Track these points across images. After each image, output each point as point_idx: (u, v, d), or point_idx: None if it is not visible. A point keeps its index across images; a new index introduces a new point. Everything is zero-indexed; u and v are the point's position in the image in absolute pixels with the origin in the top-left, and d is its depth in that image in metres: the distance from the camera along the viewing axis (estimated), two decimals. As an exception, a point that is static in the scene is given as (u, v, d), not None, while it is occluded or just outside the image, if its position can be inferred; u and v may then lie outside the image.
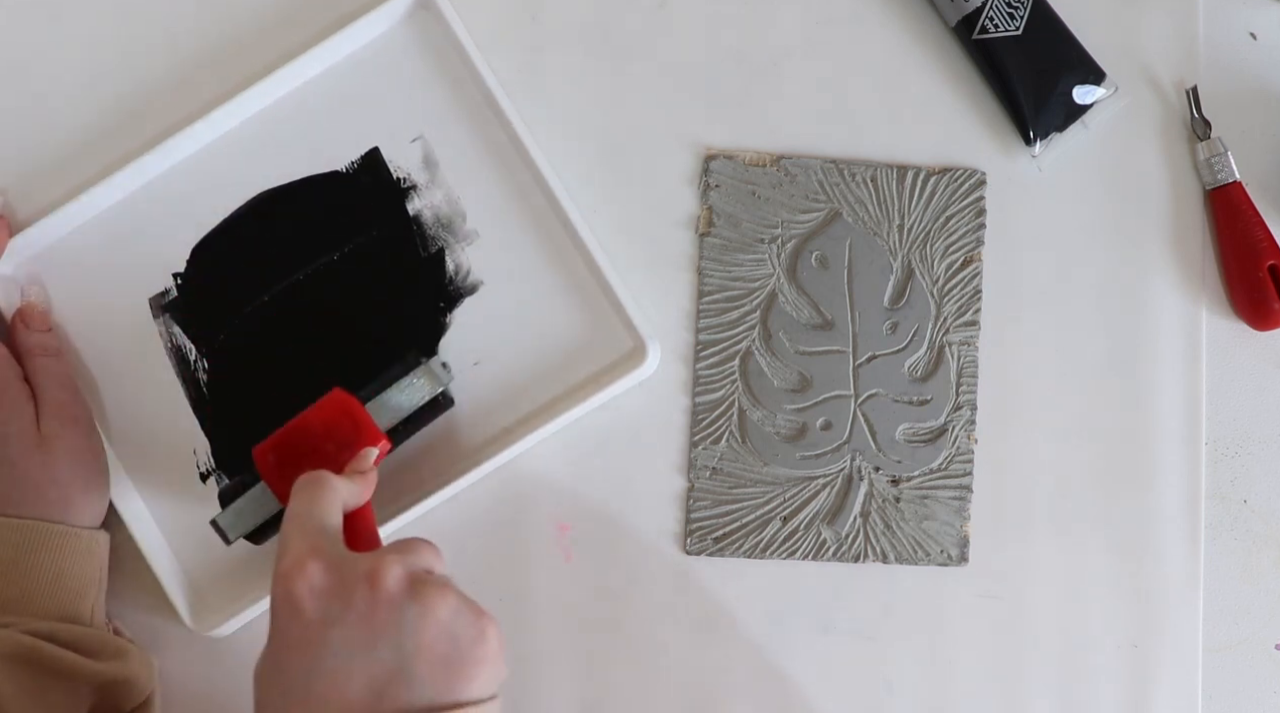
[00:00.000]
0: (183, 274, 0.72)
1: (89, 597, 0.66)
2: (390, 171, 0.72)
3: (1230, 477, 0.73)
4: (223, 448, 0.71)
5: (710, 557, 0.71)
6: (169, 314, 0.72)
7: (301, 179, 0.72)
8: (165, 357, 0.72)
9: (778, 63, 0.74)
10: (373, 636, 0.52)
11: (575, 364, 0.71)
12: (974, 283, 0.72)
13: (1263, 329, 0.73)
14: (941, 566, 0.72)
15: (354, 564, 0.53)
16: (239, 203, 0.72)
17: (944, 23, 0.73)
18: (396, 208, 0.72)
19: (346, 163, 0.72)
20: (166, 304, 0.72)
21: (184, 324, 0.72)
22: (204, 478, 0.71)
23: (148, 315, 0.72)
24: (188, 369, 0.72)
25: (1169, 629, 0.72)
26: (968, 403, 0.72)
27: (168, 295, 0.72)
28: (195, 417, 0.72)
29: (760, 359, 0.72)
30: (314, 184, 0.72)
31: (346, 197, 0.72)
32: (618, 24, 0.73)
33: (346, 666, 0.51)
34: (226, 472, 0.71)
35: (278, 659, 0.52)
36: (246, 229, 0.72)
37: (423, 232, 0.72)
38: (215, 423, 0.72)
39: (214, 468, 0.71)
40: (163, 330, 0.72)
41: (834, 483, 0.71)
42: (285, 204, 0.72)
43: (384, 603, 0.52)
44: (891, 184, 0.72)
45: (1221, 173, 0.73)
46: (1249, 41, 0.75)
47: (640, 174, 0.73)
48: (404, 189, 0.72)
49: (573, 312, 0.71)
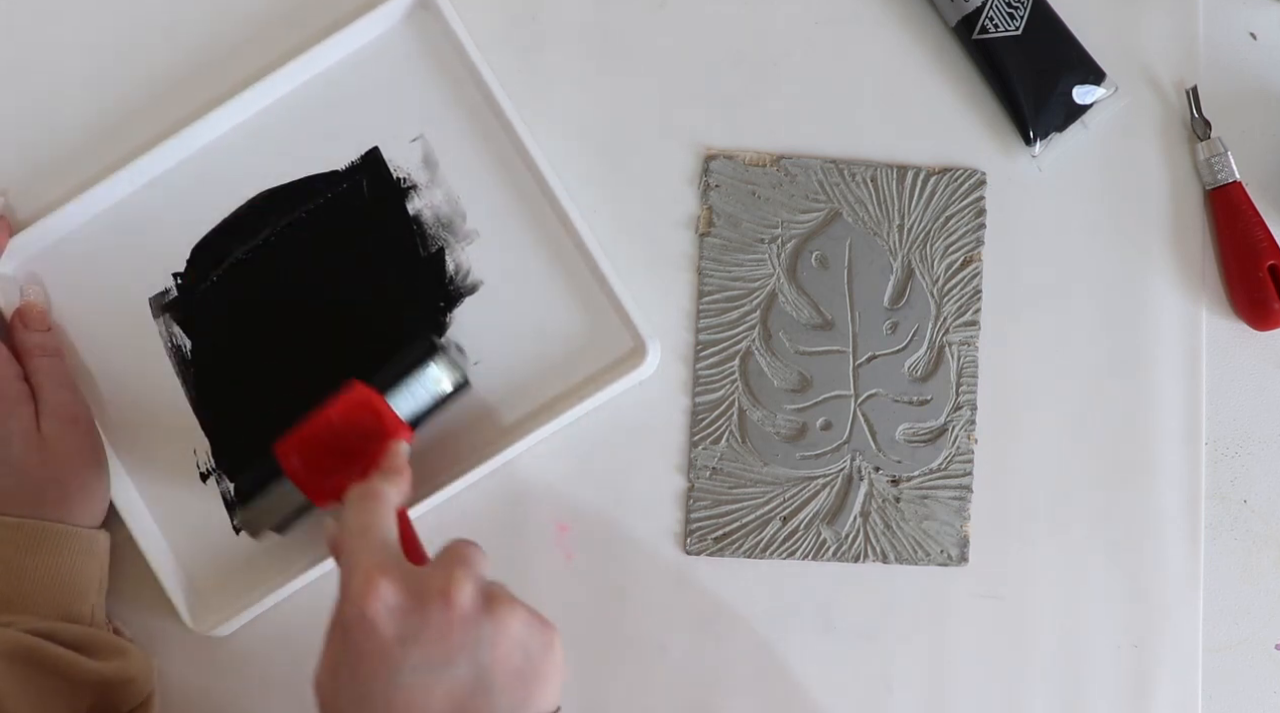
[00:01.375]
0: (183, 274, 0.72)
1: (89, 596, 0.66)
2: (390, 171, 0.72)
3: (1230, 477, 0.73)
4: (223, 448, 0.71)
5: (710, 557, 0.71)
6: (169, 314, 0.72)
7: (301, 179, 0.72)
8: (165, 356, 0.72)
9: (778, 63, 0.74)
10: (450, 652, 0.52)
11: (575, 364, 0.71)
12: (974, 283, 0.72)
13: (1263, 329, 0.73)
14: (941, 566, 0.72)
15: (426, 581, 0.53)
16: (239, 202, 0.72)
17: (944, 23, 0.73)
18: (396, 207, 0.72)
19: (346, 162, 0.72)
20: (167, 304, 0.72)
21: (184, 324, 0.72)
22: (204, 477, 0.71)
23: (148, 315, 0.72)
24: (188, 369, 0.72)
25: (1169, 629, 0.72)
26: (968, 403, 0.72)
27: (168, 295, 0.72)
28: (195, 416, 0.72)
29: (760, 359, 0.72)
30: (313, 184, 0.72)
31: (346, 196, 0.72)
32: (618, 24, 0.73)
33: (425, 681, 0.52)
34: (227, 472, 0.71)
35: (353, 673, 0.53)
36: (246, 229, 0.72)
37: (423, 231, 0.72)
38: (216, 423, 0.71)
39: (214, 468, 0.71)
40: (163, 330, 0.72)
41: (834, 483, 0.71)
42: (285, 203, 0.72)
43: (459, 620, 0.53)
44: (891, 184, 0.72)
45: (1221, 173, 0.73)
46: (1249, 41, 0.75)
47: (640, 174, 0.73)
48: (404, 189, 0.72)
49: (572, 311, 0.71)
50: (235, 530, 0.71)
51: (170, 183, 0.72)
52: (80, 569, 0.66)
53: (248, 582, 0.71)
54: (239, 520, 0.70)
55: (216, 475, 0.71)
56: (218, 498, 0.71)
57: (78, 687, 0.63)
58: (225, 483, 0.71)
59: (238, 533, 0.71)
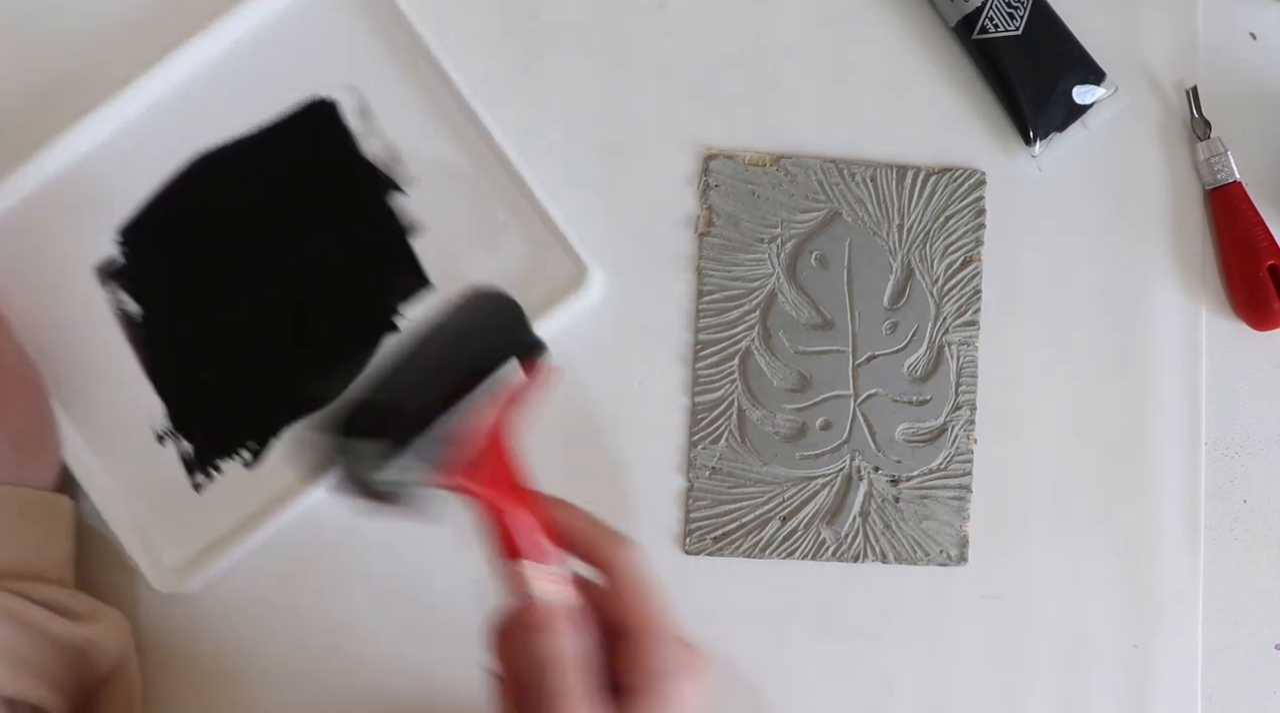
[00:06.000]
0: (126, 241, 0.72)
1: (54, 559, 0.66)
2: (327, 122, 0.73)
3: (1230, 477, 0.73)
4: (178, 409, 0.72)
5: (709, 556, 0.71)
6: (115, 281, 0.72)
7: (237, 139, 0.73)
8: (115, 323, 0.72)
9: (777, 63, 0.74)
10: None
11: (521, 295, 0.71)
12: (974, 283, 0.72)
13: (1263, 329, 0.73)
14: (941, 565, 0.72)
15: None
16: (178, 166, 0.73)
17: (944, 23, 0.73)
18: (340, 157, 0.72)
19: (282, 118, 0.73)
20: (113, 272, 0.72)
21: (131, 290, 0.72)
22: (160, 440, 0.72)
23: (94, 283, 0.72)
24: (138, 333, 0.72)
25: (1169, 629, 0.72)
26: (967, 403, 0.72)
27: (114, 263, 0.72)
28: (149, 380, 0.72)
29: (760, 359, 0.72)
30: (249, 142, 0.73)
31: (283, 152, 0.73)
32: (617, 24, 0.73)
33: None
34: (183, 433, 0.72)
35: None
36: (186, 192, 0.72)
37: (363, 179, 0.72)
38: (169, 385, 0.72)
39: (171, 430, 0.72)
40: (110, 297, 0.72)
41: (833, 483, 0.71)
42: (223, 165, 0.73)
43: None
44: (891, 184, 0.72)
45: (1221, 173, 0.73)
46: (1249, 41, 0.75)
47: (639, 174, 0.73)
48: (342, 139, 0.72)
49: (515, 245, 0.72)
50: (347, 484, 0.51)
51: (108, 152, 0.72)
52: (44, 531, 0.66)
53: (210, 539, 0.71)
54: (359, 473, 0.50)
55: (173, 437, 0.72)
56: (176, 459, 0.72)
57: (56, 648, 0.63)
58: (182, 444, 0.72)
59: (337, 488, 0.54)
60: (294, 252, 0.72)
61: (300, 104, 0.73)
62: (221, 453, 0.71)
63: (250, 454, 0.71)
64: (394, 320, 0.72)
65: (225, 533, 0.71)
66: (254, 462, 0.71)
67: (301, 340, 0.71)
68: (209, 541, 0.71)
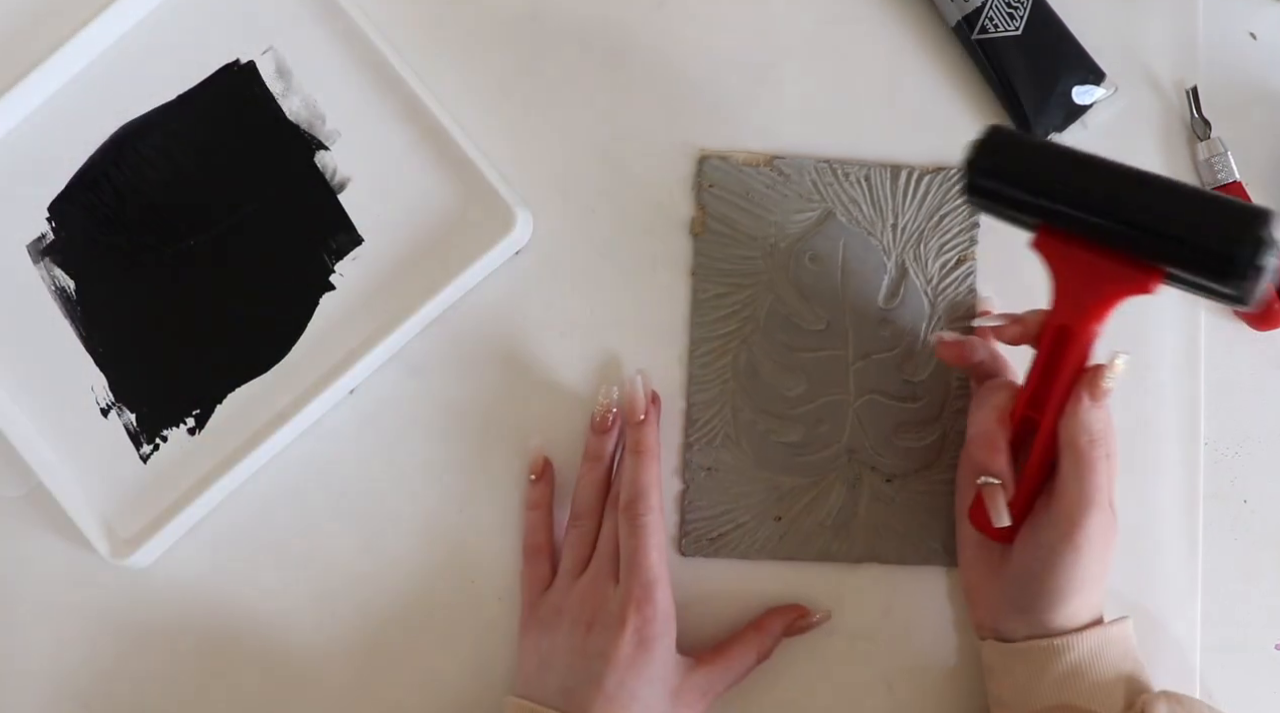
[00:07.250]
0: (55, 218, 0.74)
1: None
2: (247, 84, 0.74)
3: (1230, 477, 0.73)
4: (119, 380, 0.73)
5: (706, 558, 0.71)
6: (48, 257, 0.74)
7: (158, 107, 0.74)
8: (51, 300, 0.74)
9: (776, 63, 0.74)
10: None
11: (451, 242, 0.72)
12: (968, 282, 0.72)
13: (1263, 329, 0.73)
14: (940, 565, 0.72)
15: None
16: (102, 139, 0.74)
17: (944, 23, 0.74)
18: (259, 120, 0.73)
19: (201, 83, 0.74)
20: (45, 248, 0.74)
21: (64, 266, 0.73)
22: (104, 413, 0.73)
23: (28, 261, 0.74)
24: (74, 309, 0.73)
25: (1168, 629, 0.72)
26: (963, 402, 0.72)
27: (44, 239, 0.74)
28: (88, 354, 0.73)
29: (755, 360, 0.72)
30: (170, 110, 0.74)
31: (206, 117, 0.74)
32: (615, 24, 0.74)
33: None
34: (126, 404, 0.73)
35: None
36: (113, 165, 0.74)
37: (289, 139, 0.73)
38: (108, 357, 0.73)
39: (113, 402, 0.73)
40: (44, 274, 0.74)
41: (830, 483, 0.71)
42: (147, 135, 0.74)
43: None
44: (885, 183, 0.72)
45: (1221, 173, 0.72)
46: (1249, 41, 0.75)
47: (635, 175, 0.73)
48: (264, 100, 0.73)
49: (441, 192, 0.73)
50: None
51: (31, 129, 0.74)
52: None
53: (161, 507, 0.72)
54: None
55: (118, 409, 0.73)
56: (121, 431, 0.73)
57: None
58: (126, 415, 0.73)
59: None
60: (225, 216, 0.73)
61: (219, 68, 0.74)
62: (166, 422, 0.73)
63: (195, 421, 0.72)
64: (329, 279, 0.73)
65: (174, 501, 0.72)
66: (198, 429, 0.72)
67: (238, 305, 0.72)
68: (160, 509, 0.72)
